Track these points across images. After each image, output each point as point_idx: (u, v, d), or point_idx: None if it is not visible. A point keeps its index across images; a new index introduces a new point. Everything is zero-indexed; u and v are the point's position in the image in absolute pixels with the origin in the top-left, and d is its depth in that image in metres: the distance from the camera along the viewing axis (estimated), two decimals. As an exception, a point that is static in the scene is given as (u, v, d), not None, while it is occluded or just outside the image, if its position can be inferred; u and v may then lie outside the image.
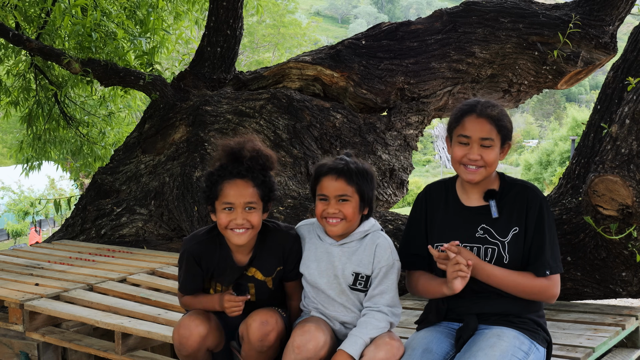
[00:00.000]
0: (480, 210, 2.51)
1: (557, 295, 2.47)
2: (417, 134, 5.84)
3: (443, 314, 2.53)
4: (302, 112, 5.37)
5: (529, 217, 2.45)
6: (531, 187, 2.52)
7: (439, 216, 2.58)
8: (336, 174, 2.48)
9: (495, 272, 2.42)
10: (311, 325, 2.43)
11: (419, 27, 5.65)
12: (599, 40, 5.28)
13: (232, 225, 2.46)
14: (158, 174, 5.49)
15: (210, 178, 2.51)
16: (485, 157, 2.44)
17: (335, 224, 2.48)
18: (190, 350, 2.53)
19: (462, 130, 2.47)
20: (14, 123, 16.80)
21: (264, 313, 2.48)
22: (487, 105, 2.48)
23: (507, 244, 2.45)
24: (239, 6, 6.16)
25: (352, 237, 2.55)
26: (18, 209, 21.14)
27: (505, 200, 2.50)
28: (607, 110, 3.64)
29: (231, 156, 2.51)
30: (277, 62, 12.65)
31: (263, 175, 2.52)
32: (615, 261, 3.33)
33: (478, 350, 2.29)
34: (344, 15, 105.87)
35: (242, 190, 2.46)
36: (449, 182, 2.64)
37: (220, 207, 2.48)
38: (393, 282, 2.52)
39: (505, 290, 2.43)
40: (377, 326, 2.44)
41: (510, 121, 2.53)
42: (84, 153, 8.43)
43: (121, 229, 5.45)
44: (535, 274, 2.43)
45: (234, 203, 2.45)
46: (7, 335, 3.67)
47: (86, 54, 6.19)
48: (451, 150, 2.53)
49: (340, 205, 2.47)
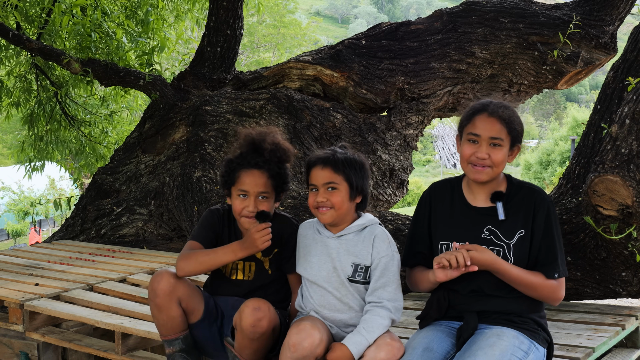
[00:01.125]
0: (487, 211, 2.51)
1: (562, 298, 2.49)
2: (417, 134, 5.84)
3: (444, 310, 2.53)
4: (302, 112, 5.37)
5: (536, 220, 2.46)
6: (539, 190, 2.52)
7: (444, 215, 2.59)
8: (322, 163, 2.54)
9: (512, 270, 2.42)
10: (307, 323, 2.44)
11: (419, 27, 5.65)
12: (599, 40, 5.28)
13: (245, 212, 2.61)
14: (158, 174, 5.49)
15: (229, 165, 2.67)
16: (493, 156, 2.44)
17: (324, 211, 2.53)
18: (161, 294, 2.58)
19: (472, 128, 2.48)
20: (14, 123, 16.81)
21: (256, 300, 2.51)
22: (499, 106, 2.49)
23: (513, 246, 2.45)
24: (239, 6, 6.16)
25: (350, 229, 2.58)
26: (18, 209, 21.15)
27: (512, 203, 2.50)
28: (607, 110, 3.64)
29: (252, 146, 2.67)
30: (277, 62, 12.65)
31: (279, 167, 2.67)
32: (615, 261, 3.33)
33: (478, 350, 2.30)
34: (344, 15, 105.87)
35: (258, 179, 2.62)
36: (455, 182, 2.65)
37: (236, 193, 2.64)
38: (394, 274, 2.53)
39: (517, 288, 2.44)
40: (381, 324, 2.45)
41: (521, 124, 2.54)
42: (87, 153, 8.44)
43: (121, 229, 5.45)
44: (546, 276, 2.44)
45: (248, 191, 2.61)
46: (7, 335, 3.67)
47: (86, 54, 6.19)
48: (460, 149, 2.54)
49: (329, 194, 2.52)
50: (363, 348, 2.39)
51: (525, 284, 2.43)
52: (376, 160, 5.50)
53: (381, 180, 5.57)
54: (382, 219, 4.31)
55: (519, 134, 2.51)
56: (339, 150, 2.58)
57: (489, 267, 2.41)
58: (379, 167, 5.52)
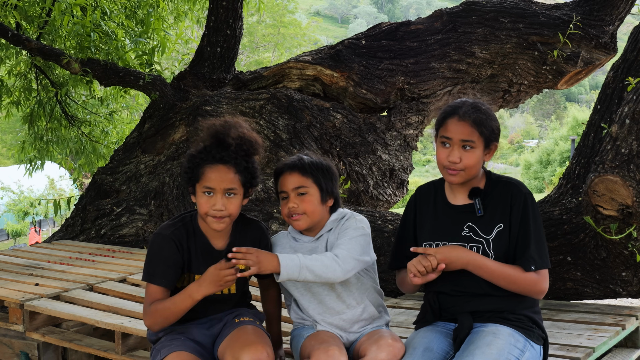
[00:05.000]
0: (466, 209, 2.52)
1: (545, 291, 2.46)
2: (417, 134, 5.84)
3: (438, 312, 2.54)
4: (302, 112, 5.37)
5: (513, 212, 2.45)
6: (515, 182, 2.52)
7: (429, 216, 2.61)
8: (290, 169, 2.53)
9: (488, 264, 2.42)
10: (334, 349, 2.38)
11: (418, 27, 5.65)
12: (599, 40, 5.29)
13: (212, 212, 2.41)
14: (158, 174, 5.49)
15: (192, 160, 2.45)
16: (465, 160, 2.44)
17: (297, 218, 2.50)
18: None
19: (444, 131, 2.49)
20: (14, 123, 16.80)
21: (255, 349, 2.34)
22: (470, 107, 2.47)
23: (492, 241, 2.45)
24: (239, 6, 6.16)
25: (326, 228, 2.57)
26: (18, 209, 21.13)
27: (490, 198, 2.50)
28: (607, 110, 3.64)
29: (215, 139, 2.45)
30: (277, 62, 12.65)
31: (246, 161, 2.46)
32: (615, 261, 3.33)
33: (476, 349, 2.30)
34: (343, 15, 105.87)
35: (224, 175, 2.40)
36: (438, 183, 2.67)
37: (201, 191, 2.43)
38: (353, 237, 2.48)
39: (496, 283, 2.43)
40: (322, 260, 2.38)
41: (495, 122, 2.51)
42: (87, 152, 8.44)
43: (121, 229, 5.45)
44: (523, 269, 2.43)
45: (214, 188, 2.40)
46: (7, 335, 3.67)
47: (86, 54, 6.19)
48: (436, 151, 2.55)
49: (300, 200, 2.50)
50: (292, 265, 2.32)
51: (504, 277, 2.41)
52: (376, 160, 5.50)
53: (381, 180, 5.57)
54: (382, 219, 4.31)
55: (493, 133, 2.49)
56: (304, 156, 2.58)
57: (465, 264, 2.41)
58: (379, 167, 5.52)
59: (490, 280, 2.43)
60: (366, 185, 5.45)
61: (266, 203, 4.73)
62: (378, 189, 5.55)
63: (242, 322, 2.53)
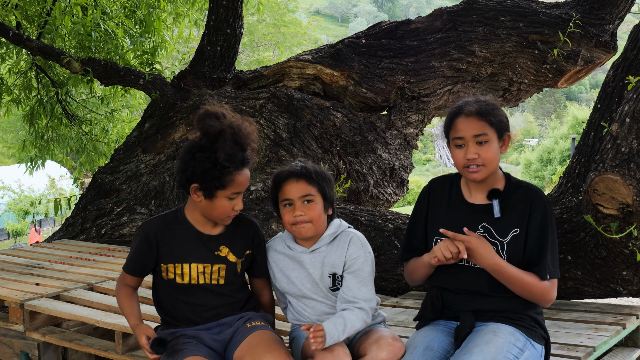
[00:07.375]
0: (483, 209, 2.51)
1: (553, 300, 2.47)
2: (417, 132, 5.84)
3: (439, 310, 2.53)
4: (302, 111, 5.37)
5: (532, 219, 2.44)
6: (536, 190, 2.51)
7: (441, 211, 2.58)
8: (296, 177, 2.49)
9: (509, 269, 2.40)
10: (339, 349, 2.38)
11: (419, 26, 5.65)
12: (599, 38, 5.28)
13: (234, 213, 2.48)
14: (158, 173, 5.49)
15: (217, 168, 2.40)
16: (482, 154, 2.43)
17: (303, 226, 2.48)
18: None
19: (455, 132, 2.48)
20: (14, 122, 16.80)
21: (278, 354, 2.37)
22: (474, 103, 2.48)
23: (506, 244, 2.44)
24: (239, 5, 6.16)
25: (322, 242, 2.54)
26: (18, 208, 21.13)
27: (509, 201, 2.49)
28: (608, 109, 3.64)
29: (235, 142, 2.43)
30: (277, 61, 12.64)
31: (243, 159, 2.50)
32: (615, 260, 3.32)
33: (474, 347, 2.30)
34: (344, 14, 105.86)
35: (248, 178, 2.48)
36: (454, 178, 2.64)
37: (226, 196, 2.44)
38: (369, 274, 2.50)
39: (510, 288, 2.42)
40: (355, 326, 2.40)
41: (502, 113, 2.51)
42: (88, 150, 8.45)
43: (121, 229, 5.45)
44: (539, 277, 2.43)
45: (241, 192, 2.47)
46: (7, 335, 3.67)
47: (86, 54, 6.20)
48: (452, 155, 2.53)
49: (306, 208, 2.47)
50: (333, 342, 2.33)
51: (520, 284, 2.41)
52: (376, 159, 5.49)
53: (381, 180, 5.57)
54: (383, 219, 4.31)
55: (503, 123, 2.48)
56: (305, 164, 2.54)
57: (487, 265, 2.40)
58: (379, 166, 5.52)
59: (505, 284, 2.42)
60: (366, 184, 5.45)
61: (266, 202, 4.72)
62: (378, 188, 5.55)
63: (255, 327, 2.52)
